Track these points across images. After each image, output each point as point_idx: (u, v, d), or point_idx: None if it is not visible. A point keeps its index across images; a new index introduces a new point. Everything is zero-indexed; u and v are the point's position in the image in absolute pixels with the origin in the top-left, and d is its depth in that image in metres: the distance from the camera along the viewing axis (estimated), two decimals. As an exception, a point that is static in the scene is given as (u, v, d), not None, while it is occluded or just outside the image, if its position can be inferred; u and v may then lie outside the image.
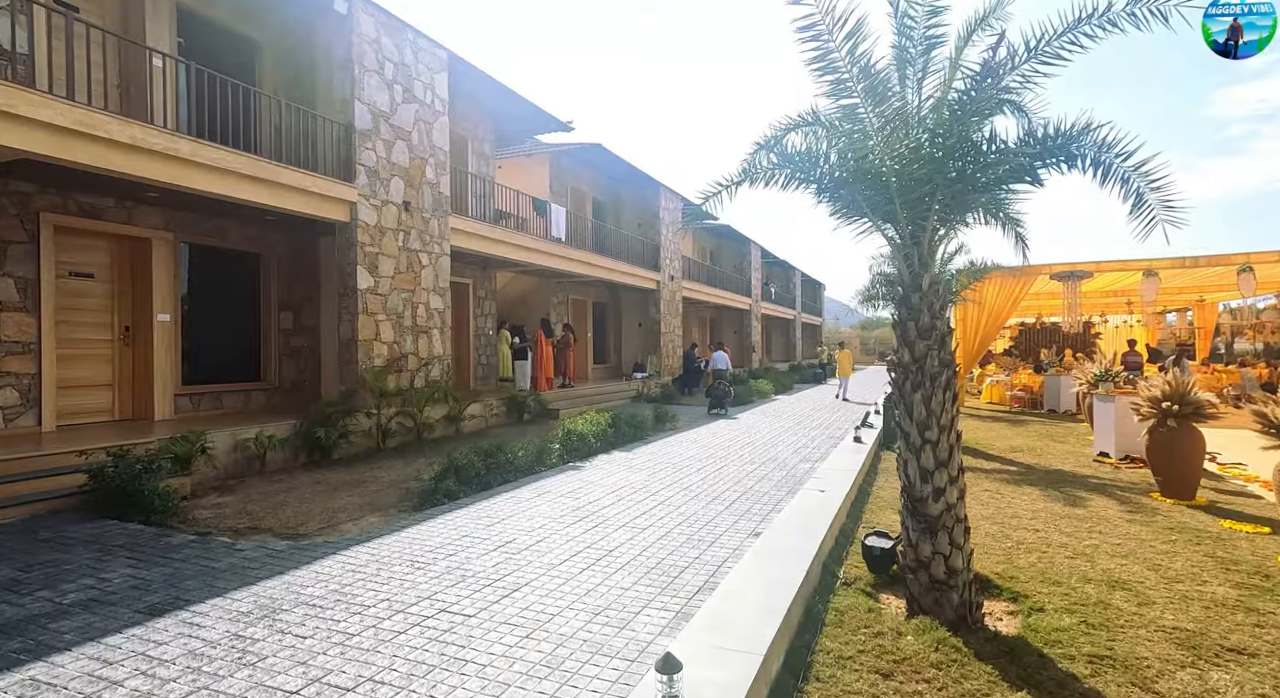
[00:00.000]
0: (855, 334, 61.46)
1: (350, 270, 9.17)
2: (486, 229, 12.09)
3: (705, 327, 29.98)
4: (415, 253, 10.24)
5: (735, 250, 30.82)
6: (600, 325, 20.76)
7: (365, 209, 9.28)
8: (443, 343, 10.87)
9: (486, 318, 14.86)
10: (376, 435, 9.16)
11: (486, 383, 14.76)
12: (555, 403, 13.56)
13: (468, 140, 14.10)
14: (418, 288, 10.28)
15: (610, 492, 6.46)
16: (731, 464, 8.03)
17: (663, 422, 11.80)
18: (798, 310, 39.13)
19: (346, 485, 6.94)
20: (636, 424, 10.38)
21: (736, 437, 10.63)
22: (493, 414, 11.90)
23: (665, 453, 8.90)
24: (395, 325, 9.82)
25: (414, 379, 10.14)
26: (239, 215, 9.15)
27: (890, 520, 5.45)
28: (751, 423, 12.57)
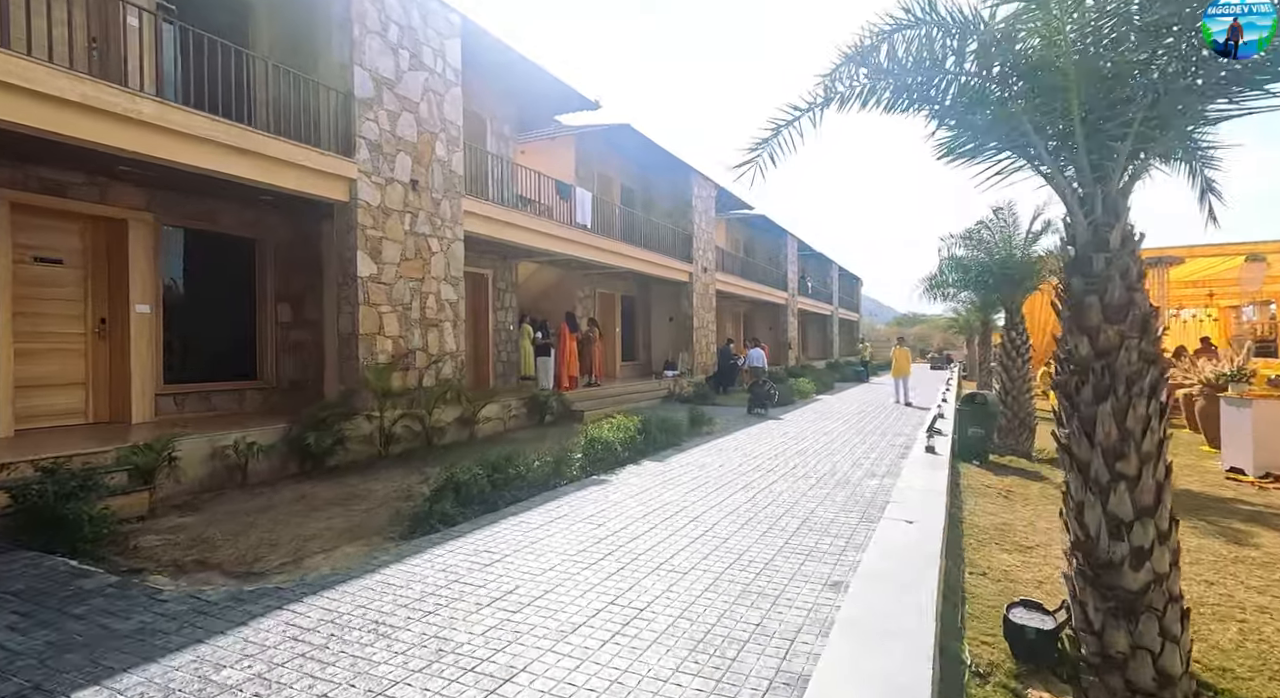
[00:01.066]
0: (893, 331, 59.31)
1: (350, 256, 8.20)
2: (504, 213, 11.05)
3: (739, 322, 28.65)
4: (424, 237, 9.24)
5: (771, 242, 29.39)
6: (629, 320, 19.65)
7: (366, 187, 8.29)
8: (455, 338, 9.87)
9: (507, 311, 13.85)
10: (378, 441, 8.19)
11: (507, 381, 13.76)
12: (580, 403, 12.48)
13: (486, 121, 13.09)
14: (427, 276, 9.28)
15: (640, 516, 5.32)
16: (783, 479, 6.82)
17: (699, 425, 10.62)
18: (835, 306, 37.47)
19: (333, 502, 5.94)
20: (669, 428, 9.23)
21: (783, 444, 9.39)
22: (511, 416, 10.87)
23: (704, 464, 7.72)
24: (401, 318, 8.83)
25: (422, 378, 9.15)
26: (229, 195, 8.25)
27: (1001, 563, 4.19)
28: (797, 427, 11.30)
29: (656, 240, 17.26)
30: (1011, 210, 8.26)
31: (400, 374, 8.79)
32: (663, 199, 19.53)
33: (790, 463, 7.79)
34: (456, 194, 9.88)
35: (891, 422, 12.09)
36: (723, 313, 25.48)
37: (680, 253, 18.47)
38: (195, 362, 8.37)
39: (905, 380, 15.12)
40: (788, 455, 8.34)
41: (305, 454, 7.20)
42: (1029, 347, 8.23)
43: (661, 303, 20.24)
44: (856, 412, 13.84)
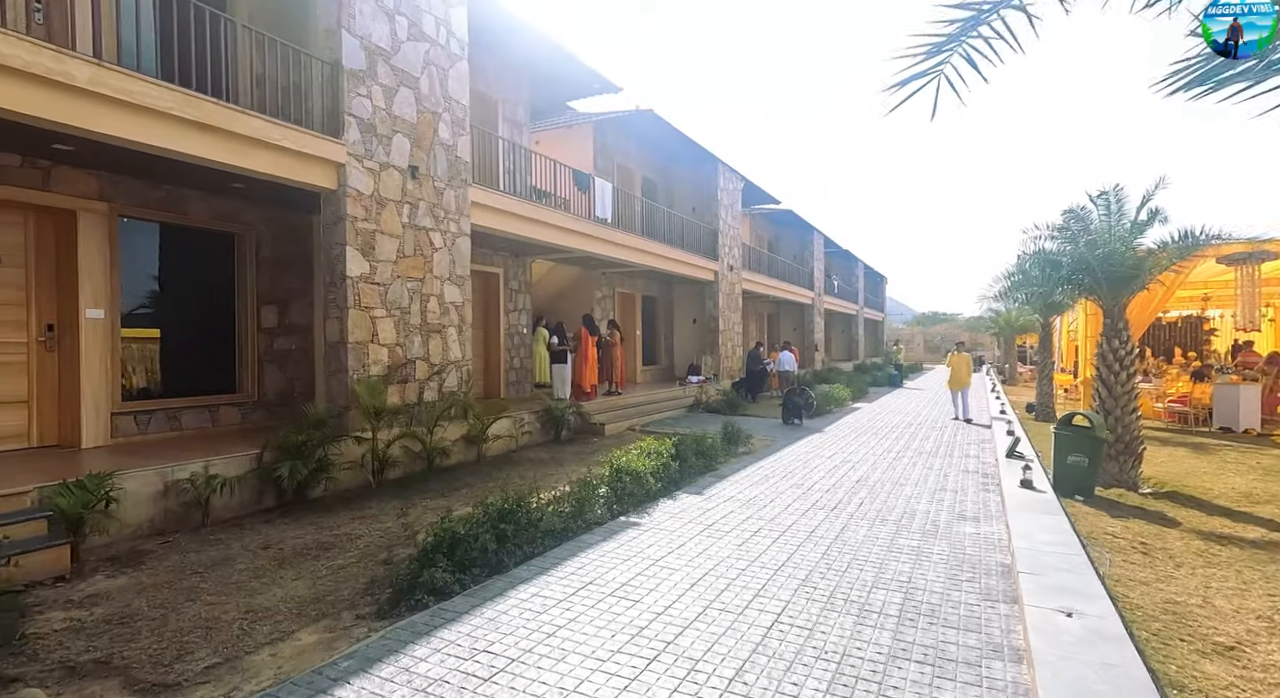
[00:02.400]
0: (917, 331, 57.52)
1: (338, 252, 7.10)
2: (517, 205, 9.91)
3: (763, 323, 27.35)
4: (425, 232, 8.12)
5: (796, 239, 28.04)
6: (650, 323, 18.47)
7: (357, 173, 7.18)
8: (461, 345, 8.74)
9: (520, 313, 12.73)
10: (371, 466, 7.08)
11: (519, 390, 12.64)
12: (600, 416, 11.32)
13: (496, 104, 11.97)
14: (428, 276, 8.16)
15: (688, 586, 4.13)
16: (854, 523, 5.59)
17: (735, 442, 9.40)
18: (860, 305, 36.00)
19: (304, 553, 4.82)
20: (704, 451, 8.02)
21: (836, 468, 8.14)
22: (524, 432, 9.72)
23: (751, 498, 6.51)
24: (398, 323, 7.72)
25: (423, 391, 8.04)
26: (201, 183, 7.19)
27: (1211, 680, 2.94)
28: (845, 444, 10.03)
29: (680, 236, 16.05)
30: (1118, 194, 6.93)
31: (397, 388, 7.69)
32: (686, 193, 18.32)
33: (854, 497, 6.56)
34: (462, 183, 8.75)
35: (950, 438, 10.78)
36: (747, 314, 24.22)
37: (705, 250, 17.25)
38: (162, 375, 7.32)
39: (965, 393, 13.14)
40: (847, 485, 7.10)
41: (282, 486, 6.10)
42: (1134, 357, 6.91)
43: (685, 303, 19.03)
44: (905, 424, 12.52)
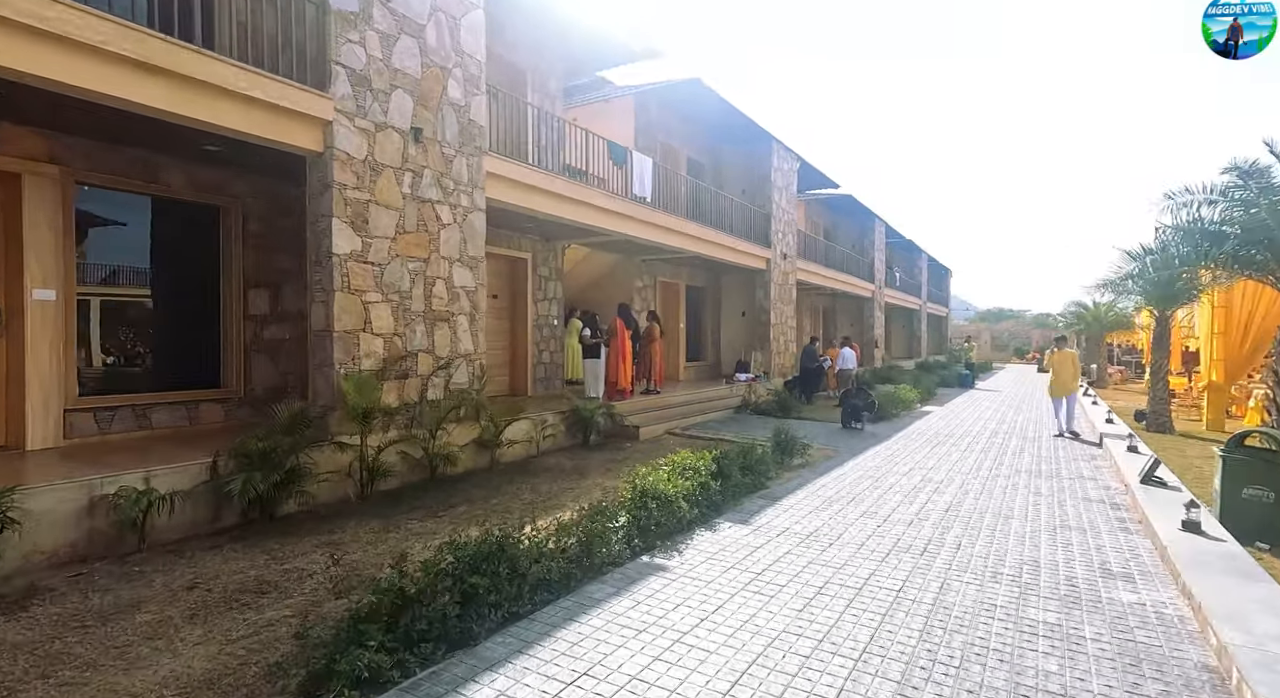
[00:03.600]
0: (983, 328, 54.06)
1: (323, 226, 6.08)
2: (541, 178, 8.74)
3: (818, 317, 25.59)
4: (431, 205, 7.04)
5: (855, 227, 26.11)
6: (695, 314, 17.12)
7: (347, 133, 6.14)
8: (473, 335, 7.65)
9: (550, 302, 11.61)
10: (359, 476, 6.05)
11: (549, 387, 11.54)
12: (634, 417, 10.10)
13: (525, 73, 10.84)
14: (434, 256, 7.09)
15: (726, 685, 2.85)
16: (955, 577, 4.18)
17: (788, 453, 8.01)
18: (924, 299, 33.62)
19: (234, 598, 3.76)
20: (751, 465, 6.69)
21: (918, 490, 6.68)
22: (545, 436, 8.58)
23: (812, 531, 5.15)
24: (397, 310, 6.67)
25: (426, 388, 6.98)
26: (171, 145, 6.29)
27: None
28: (921, 455, 8.50)
29: (729, 220, 14.63)
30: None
31: (395, 384, 6.64)
32: (736, 175, 16.85)
33: (947, 534, 5.12)
34: (476, 150, 7.64)
35: (1051, 452, 9.09)
36: (800, 307, 22.57)
37: (757, 235, 15.77)
38: (128, 366, 6.48)
39: (1071, 401, 10.44)
40: (934, 516, 5.66)
41: (248, 501, 5.11)
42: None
43: (734, 294, 17.60)
44: (989, 433, 10.82)
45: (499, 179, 8.07)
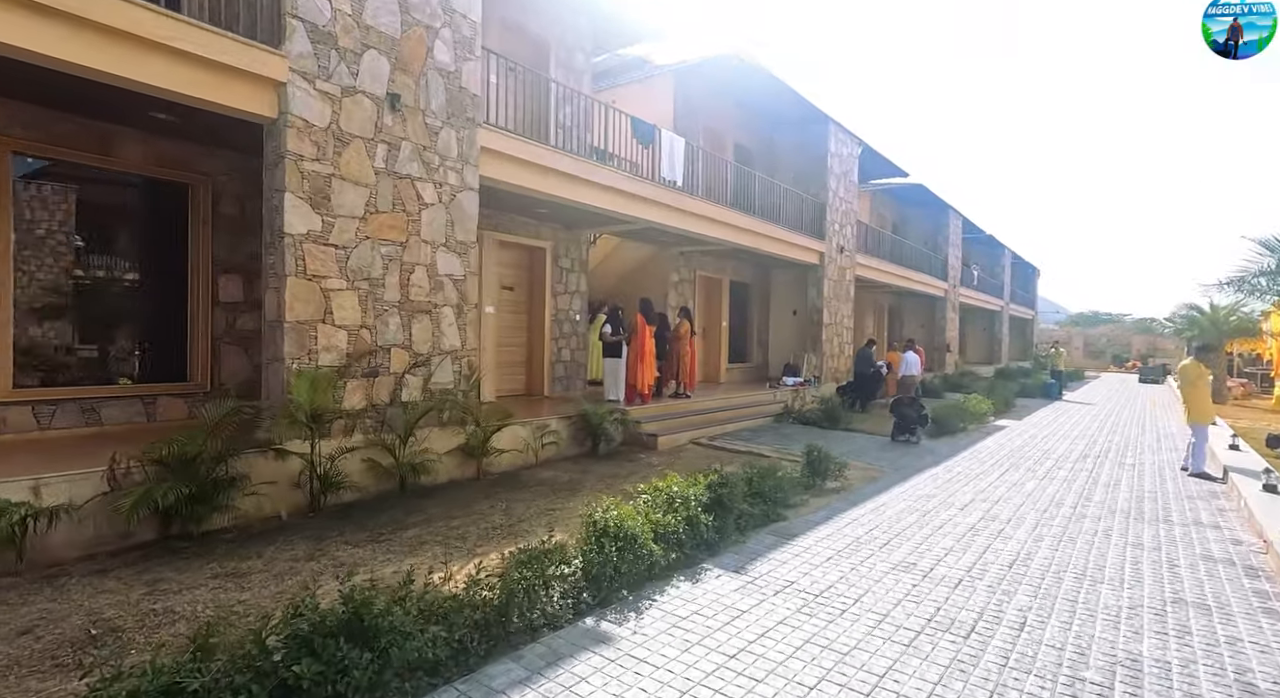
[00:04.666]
0: (1074, 333, 49.66)
1: (276, 202, 5.39)
2: (545, 154, 7.83)
3: (882, 317, 23.71)
4: (410, 182, 6.26)
5: (927, 220, 24.03)
6: (741, 312, 15.88)
7: (305, 97, 5.42)
8: (461, 329, 6.84)
9: (571, 296, 10.75)
10: (309, 487, 5.33)
11: (569, 387, 10.69)
12: (653, 424, 9.08)
13: (549, 47, 10.02)
14: (413, 239, 6.31)
15: None
16: (1014, 686, 2.97)
17: (820, 474, 6.80)
18: (1006, 300, 30.82)
19: (55, 653, 3.03)
20: (765, 491, 5.56)
21: (975, 532, 5.36)
22: (545, 444, 7.69)
23: (824, 589, 4.01)
24: (365, 299, 5.92)
25: (399, 388, 6.21)
26: (126, 115, 5.75)
27: None
28: (986, 482, 7.08)
29: (778, 209, 13.34)
30: None
31: (362, 383, 5.90)
32: (789, 163, 15.47)
33: (1007, 606, 3.86)
34: (469, 122, 6.82)
35: (1156, 485, 7.44)
36: (862, 306, 20.87)
37: (810, 227, 14.38)
38: (77, 356, 6.00)
39: (1202, 437, 8.02)
40: (993, 574, 4.37)
41: (165, 515, 4.46)
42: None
43: (785, 291, 16.25)
44: (1076, 456, 9.16)
45: (496, 155, 7.23)
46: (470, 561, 4.26)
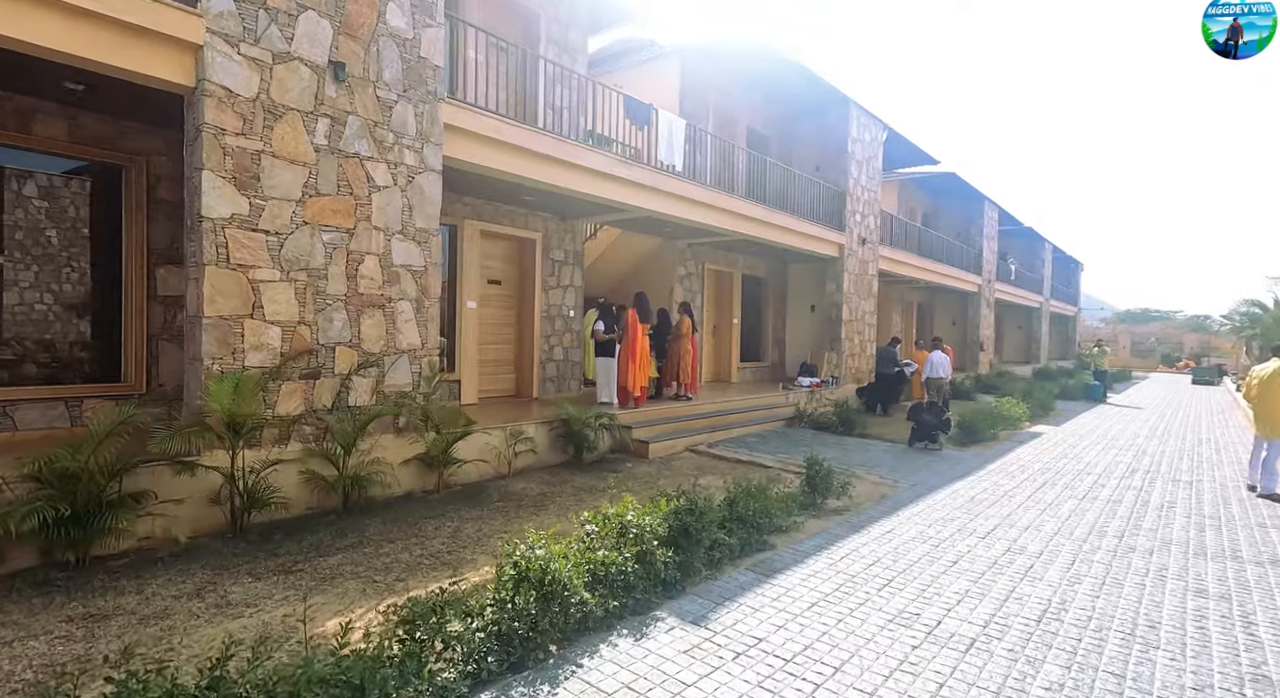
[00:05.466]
0: (1121, 330, 47.25)
1: (195, 181, 4.79)
2: (519, 134, 7.10)
3: (911, 314, 22.52)
4: (358, 161, 5.62)
5: (960, 211, 22.73)
6: (754, 308, 15.00)
7: (227, 63, 4.80)
8: (421, 326, 6.19)
9: (566, 290, 10.06)
10: (232, 505, 4.73)
11: (562, 388, 10.02)
12: (646, 429, 8.34)
13: (539, 20, 9.30)
14: (362, 226, 5.67)
15: None
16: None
17: (822, 491, 5.98)
18: (1045, 296, 29.19)
19: None
20: (749, 515, 4.78)
21: (999, 569, 4.50)
22: (523, 450, 7.01)
23: (799, 649, 3.23)
24: (304, 292, 5.31)
25: (344, 391, 5.59)
26: (40, 86, 5.22)
27: None
28: (1015, 503, 6.16)
29: (792, 198, 12.43)
30: None
31: (299, 386, 5.29)
32: (808, 150, 14.52)
33: (1035, 687, 3.03)
34: (429, 96, 6.14)
35: (1218, 511, 6.43)
36: (889, 302, 19.78)
37: (828, 217, 13.43)
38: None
39: (1274, 447, 6.98)
40: (1017, 634, 3.53)
41: (48, 539, 3.89)
42: None
43: (803, 285, 15.31)
44: (1121, 470, 8.13)
45: (464, 135, 6.55)
46: (385, 599, 3.60)
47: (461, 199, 8.61)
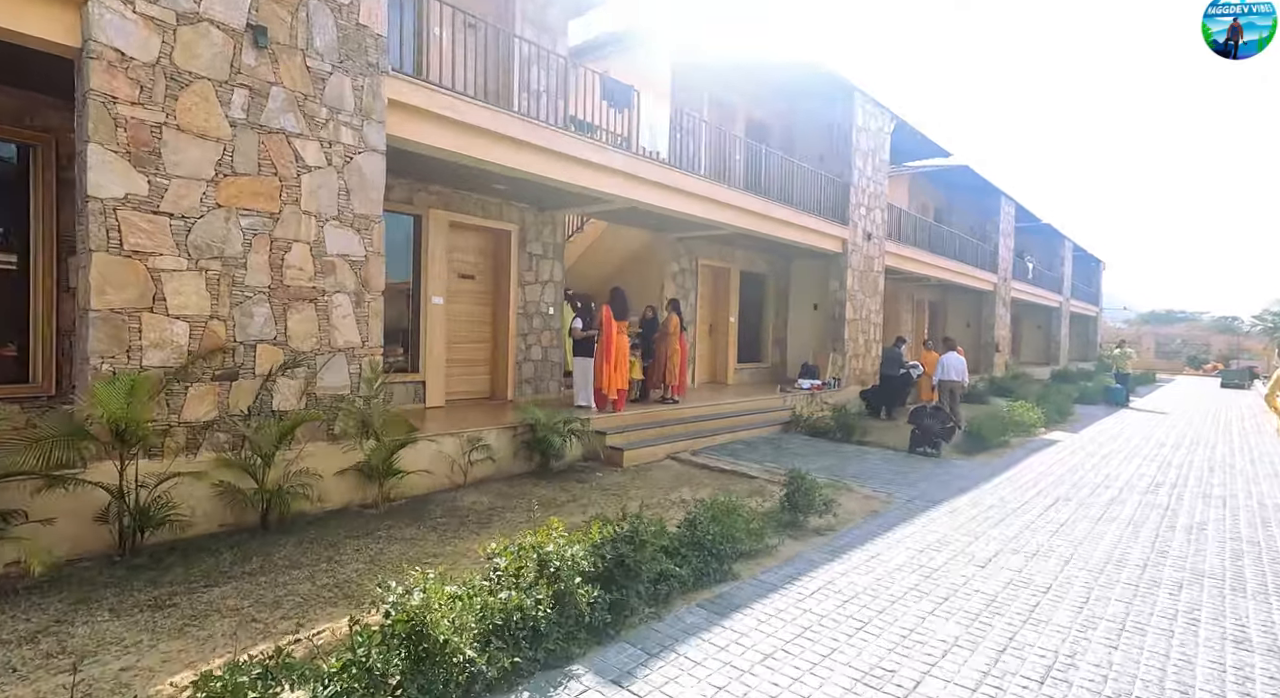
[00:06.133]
0: (1145, 332, 45.78)
1: (82, 156, 4.25)
2: (480, 114, 6.48)
3: (923, 314, 21.68)
4: (284, 138, 5.06)
5: (975, 206, 21.85)
6: (753, 306, 14.30)
7: (120, 22, 4.26)
8: (362, 323, 5.62)
9: (544, 286, 9.46)
10: (121, 523, 4.19)
11: (541, 389, 9.43)
12: (622, 435, 7.72)
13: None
14: (289, 210, 5.11)
15: None
16: None
17: (803, 508, 5.32)
18: (1065, 295, 28.13)
19: None
20: (709, 539, 4.14)
21: (995, 609, 3.82)
22: (481, 459, 6.42)
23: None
24: (217, 283, 4.75)
25: (268, 394, 5.03)
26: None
27: None
28: (1022, 524, 5.45)
29: (791, 189, 11.73)
30: None
31: (211, 388, 4.74)
32: (813, 139, 13.78)
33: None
34: (370, 69, 5.57)
35: (1257, 534, 5.68)
36: (898, 300, 19.00)
37: (831, 210, 12.71)
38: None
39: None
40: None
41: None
42: None
43: (806, 283, 14.58)
44: (1144, 486, 7.37)
45: (414, 112, 5.97)
46: (257, 644, 3.02)
47: (426, 188, 8.05)
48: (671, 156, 9.08)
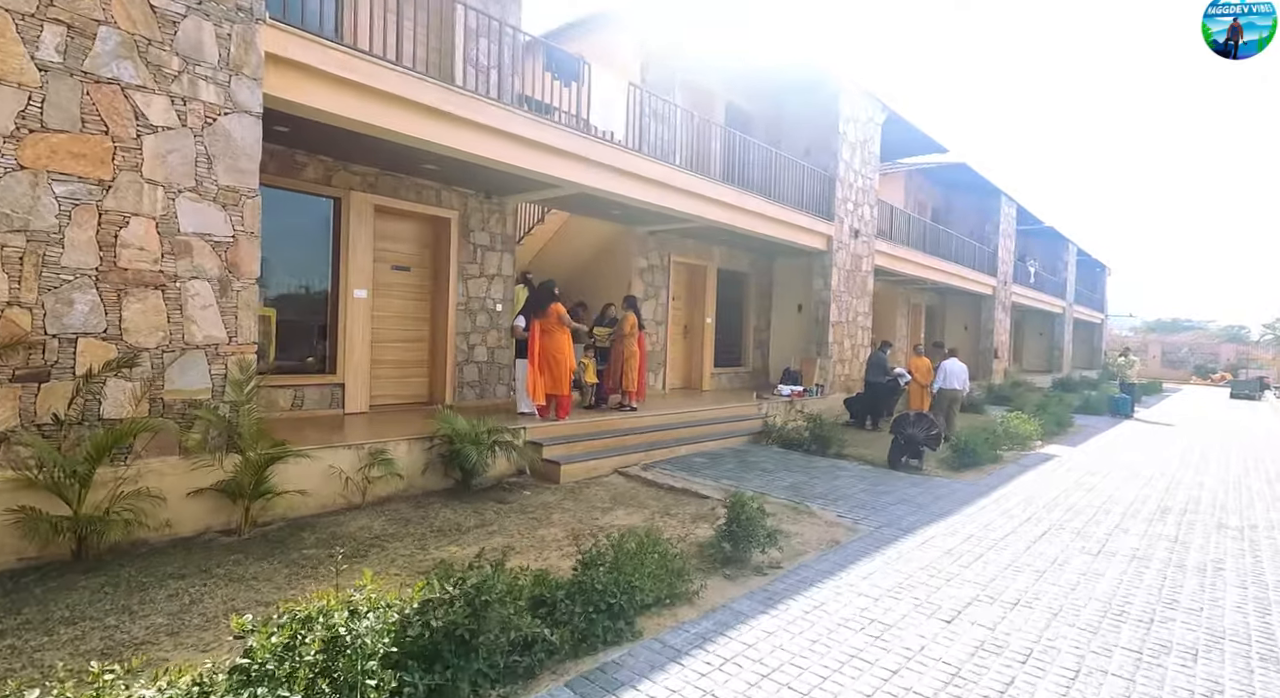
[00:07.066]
0: (1151, 340, 44.68)
1: None
2: (383, 74, 5.60)
3: (919, 318, 20.79)
4: (118, 89, 4.21)
5: (974, 206, 20.95)
6: (732, 307, 13.40)
7: (-121, -61, 3.42)
8: (226, 315, 4.76)
9: (491, 281, 8.62)
10: None
11: (486, 393, 8.58)
12: (561, 447, 6.84)
13: (456, -40, 7.85)
14: (126, 177, 4.26)
15: None
16: None
17: (748, 541, 4.43)
18: (1068, 301, 27.17)
19: None
20: (595, 590, 3.25)
21: (961, 684, 2.92)
22: (382, 475, 5.54)
23: None
24: (19, 262, 3.90)
25: (89, 398, 4.17)
26: None
27: None
28: (1006, 560, 4.56)
29: (771, 181, 10.86)
30: None
31: (10, 392, 3.88)
32: (798, 130, 12.90)
33: None
34: (238, 15, 4.72)
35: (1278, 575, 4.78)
36: (893, 303, 18.12)
37: (814, 204, 11.83)
38: None
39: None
40: None
41: None
42: None
43: (790, 283, 13.69)
44: (1150, 512, 6.45)
45: (300, 70, 5.12)
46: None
47: (347, 166, 7.21)
48: (632, 140, 8.22)
